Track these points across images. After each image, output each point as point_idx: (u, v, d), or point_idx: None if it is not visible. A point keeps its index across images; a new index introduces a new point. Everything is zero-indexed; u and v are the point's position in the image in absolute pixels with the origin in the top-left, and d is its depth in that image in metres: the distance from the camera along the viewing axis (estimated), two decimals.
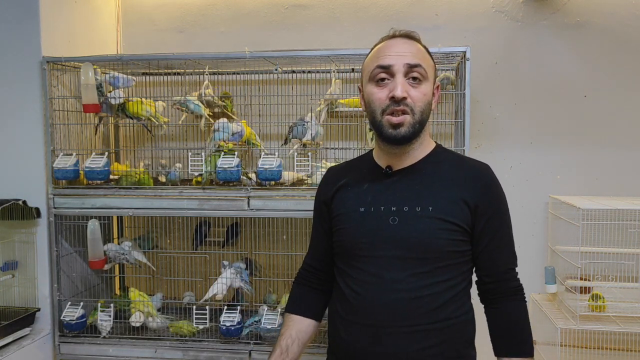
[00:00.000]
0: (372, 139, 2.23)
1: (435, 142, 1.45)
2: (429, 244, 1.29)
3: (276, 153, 2.15)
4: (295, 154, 2.19)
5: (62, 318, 2.22)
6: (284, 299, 2.21)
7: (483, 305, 1.43)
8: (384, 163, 1.40)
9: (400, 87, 1.28)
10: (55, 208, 2.20)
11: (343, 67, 2.36)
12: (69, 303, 2.24)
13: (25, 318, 2.17)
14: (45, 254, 2.22)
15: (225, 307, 2.19)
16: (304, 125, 2.20)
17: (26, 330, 2.17)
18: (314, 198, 1.52)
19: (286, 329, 1.48)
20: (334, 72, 2.22)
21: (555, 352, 2.14)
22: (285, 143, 2.28)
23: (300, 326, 1.48)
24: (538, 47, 2.42)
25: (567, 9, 2.40)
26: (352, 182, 1.43)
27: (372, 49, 1.39)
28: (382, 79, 1.31)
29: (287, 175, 2.22)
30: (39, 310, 2.22)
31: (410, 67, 1.29)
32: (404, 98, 1.28)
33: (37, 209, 2.19)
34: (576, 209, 2.08)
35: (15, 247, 2.24)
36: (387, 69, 1.30)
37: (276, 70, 2.26)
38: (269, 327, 2.13)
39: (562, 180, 2.45)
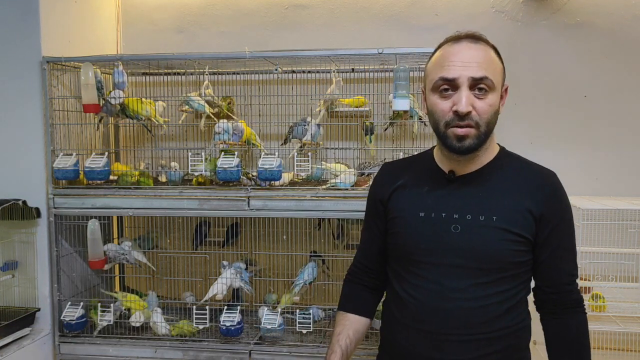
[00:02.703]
0: (371, 141, 2.23)
1: (499, 144, 1.38)
2: (493, 255, 1.26)
3: (276, 153, 2.15)
4: (296, 154, 2.18)
5: (62, 318, 2.22)
6: (284, 299, 2.21)
7: (539, 314, 1.38)
8: (446, 167, 1.34)
9: (464, 101, 1.21)
10: (55, 208, 2.20)
11: (343, 67, 2.36)
12: (69, 303, 2.24)
13: (25, 318, 2.17)
14: (45, 254, 2.22)
15: (225, 307, 2.18)
16: (304, 125, 2.19)
17: (26, 330, 2.17)
18: (314, 198, 1.51)
19: (343, 327, 1.43)
20: (334, 72, 2.22)
21: None
22: (285, 143, 2.28)
23: (357, 326, 1.45)
24: (538, 47, 2.42)
25: (567, 9, 2.40)
26: (410, 183, 1.37)
27: (436, 49, 1.31)
28: (446, 89, 1.24)
29: (286, 177, 2.22)
30: (39, 310, 2.22)
31: (476, 80, 1.22)
32: (469, 112, 1.22)
33: (37, 209, 2.19)
34: (576, 209, 2.07)
35: (15, 247, 2.24)
36: (451, 82, 1.23)
37: (276, 70, 2.26)
38: (268, 327, 2.13)
39: (562, 180, 2.43)
